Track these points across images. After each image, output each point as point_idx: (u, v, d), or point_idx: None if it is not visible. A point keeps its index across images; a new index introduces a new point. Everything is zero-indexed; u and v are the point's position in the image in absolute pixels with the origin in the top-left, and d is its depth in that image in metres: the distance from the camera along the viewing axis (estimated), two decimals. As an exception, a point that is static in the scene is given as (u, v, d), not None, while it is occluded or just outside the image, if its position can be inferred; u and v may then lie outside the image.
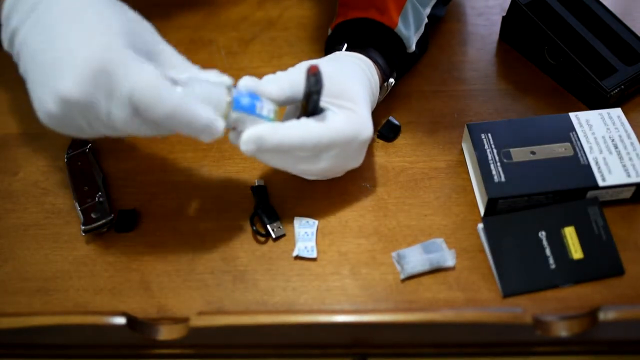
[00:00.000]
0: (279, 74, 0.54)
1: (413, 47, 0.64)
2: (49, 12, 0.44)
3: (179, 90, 0.46)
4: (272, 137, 0.50)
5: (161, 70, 0.46)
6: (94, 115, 0.44)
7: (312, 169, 0.55)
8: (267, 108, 0.51)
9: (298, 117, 0.53)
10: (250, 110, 0.50)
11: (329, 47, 0.65)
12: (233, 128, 0.51)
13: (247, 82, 0.52)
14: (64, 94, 0.42)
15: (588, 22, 0.68)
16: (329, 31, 0.66)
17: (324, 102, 0.54)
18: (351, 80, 0.56)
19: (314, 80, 0.49)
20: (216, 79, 0.49)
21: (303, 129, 0.52)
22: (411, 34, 0.64)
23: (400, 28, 0.62)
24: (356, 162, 0.57)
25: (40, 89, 0.44)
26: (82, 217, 0.59)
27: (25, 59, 0.46)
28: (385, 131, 0.64)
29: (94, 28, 0.44)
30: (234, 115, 0.49)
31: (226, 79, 0.49)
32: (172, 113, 0.44)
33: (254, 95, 0.51)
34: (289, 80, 0.53)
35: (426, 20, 0.66)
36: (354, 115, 0.54)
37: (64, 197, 0.62)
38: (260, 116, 0.50)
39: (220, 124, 0.47)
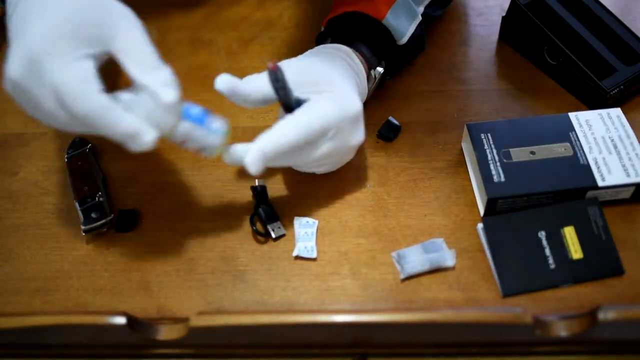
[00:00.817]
0: (255, 74, 0.56)
1: (405, 39, 0.64)
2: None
3: (104, 95, 0.45)
4: (270, 145, 0.51)
5: (118, 49, 0.46)
6: (33, 100, 0.46)
7: (319, 159, 0.55)
8: (217, 123, 0.50)
9: (282, 117, 0.54)
10: (199, 121, 0.49)
11: (318, 44, 0.66)
12: (181, 142, 0.50)
13: (225, 79, 0.54)
14: (9, 74, 0.46)
15: (587, 22, 0.68)
16: (322, 28, 0.67)
17: (303, 93, 0.54)
18: (326, 67, 0.57)
19: (274, 77, 0.51)
20: (161, 89, 0.47)
21: (291, 124, 0.52)
22: (403, 26, 0.64)
23: (389, 19, 0.63)
24: (358, 137, 0.57)
25: (10, 52, 0.47)
26: (82, 217, 0.59)
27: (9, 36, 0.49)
28: (385, 131, 0.64)
29: (44, 15, 0.46)
30: (185, 125, 0.48)
31: (167, 96, 0.47)
32: (88, 113, 0.44)
33: (205, 111, 0.50)
34: (263, 80, 0.54)
35: (420, 17, 0.66)
36: (335, 95, 0.54)
37: (64, 197, 0.62)
38: (209, 129, 0.49)
39: (148, 135, 0.46)
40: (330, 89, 0.55)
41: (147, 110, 0.46)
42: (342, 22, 0.64)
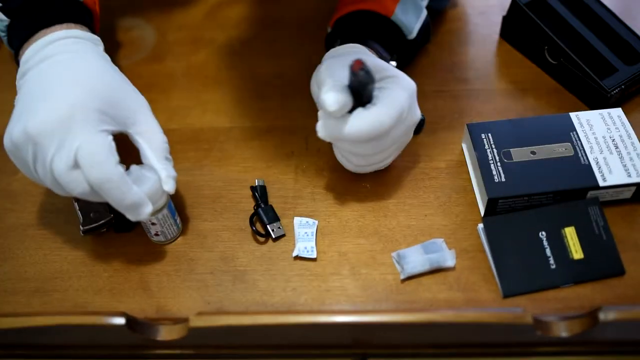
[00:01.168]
0: (332, 88, 0.51)
1: (414, 34, 0.65)
2: (53, 63, 0.52)
3: (121, 168, 0.50)
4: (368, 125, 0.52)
5: (138, 132, 0.52)
6: (42, 155, 0.48)
7: (391, 146, 0.55)
8: (178, 219, 0.59)
9: (351, 110, 0.53)
10: (173, 213, 0.57)
11: (328, 45, 0.66)
12: (151, 222, 0.56)
13: (336, 99, 0.51)
14: (28, 127, 0.48)
15: (588, 21, 0.68)
16: (328, 29, 0.66)
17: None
18: (369, 57, 0.57)
19: (364, 73, 0.50)
20: (166, 179, 0.53)
21: (383, 111, 0.52)
22: (411, 22, 0.65)
23: (398, 15, 0.63)
24: (417, 113, 0.56)
25: (15, 118, 0.50)
26: (81, 217, 0.59)
27: (20, 94, 0.52)
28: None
29: (78, 82, 0.50)
30: (164, 212, 0.55)
31: (168, 186, 0.53)
32: (105, 180, 0.48)
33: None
34: (344, 92, 0.52)
35: (425, 12, 0.67)
36: (396, 78, 0.54)
37: (63, 197, 0.62)
38: (175, 222, 0.58)
39: (148, 208, 0.51)
40: (389, 72, 0.55)
41: (150, 188, 0.52)
42: (351, 21, 0.64)
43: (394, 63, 0.64)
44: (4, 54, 0.78)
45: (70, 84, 0.50)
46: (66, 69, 0.51)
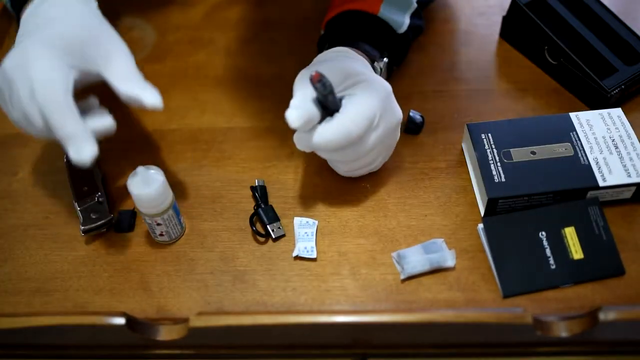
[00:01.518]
0: (297, 99, 0.54)
1: (404, 28, 0.65)
2: (38, 14, 0.56)
3: (70, 98, 0.51)
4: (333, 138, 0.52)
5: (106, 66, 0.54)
6: (15, 88, 0.52)
7: (370, 150, 0.55)
8: (182, 219, 0.59)
9: (320, 121, 0.54)
10: (177, 214, 0.58)
11: (320, 48, 0.67)
12: (156, 223, 0.56)
13: (297, 115, 0.53)
14: (3, 66, 0.53)
15: (588, 21, 0.68)
16: (321, 32, 0.67)
17: (339, 91, 0.54)
18: (347, 62, 0.57)
19: (321, 85, 0.51)
20: (144, 93, 0.53)
21: (348, 119, 0.53)
22: (399, 16, 0.65)
23: (384, 12, 0.64)
24: (398, 114, 0.57)
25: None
26: (81, 217, 0.59)
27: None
28: (413, 125, 0.65)
29: (48, 27, 0.54)
30: (170, 212, 0.56)
31: (152, 97, 0.53)
32: (46, 104, 0.50)
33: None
34: (308, 107, 0.53)
35: (415, 5, 0.67)
36: (366, 84, 0.54)
37: (64, 198, 0.62)
38: (180, 222, 0.58)
39: (91, 147, 0.51)
40: (360, 78, 0.55)
41: (157, 189, 0.53)
42: (340, 22, 0.65)
43: (383, 61, 0.64)
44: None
45: (43, 27, 0.54)
46: (45, 18, 0.55)
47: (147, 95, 0.52)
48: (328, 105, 0.53)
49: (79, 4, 0.57)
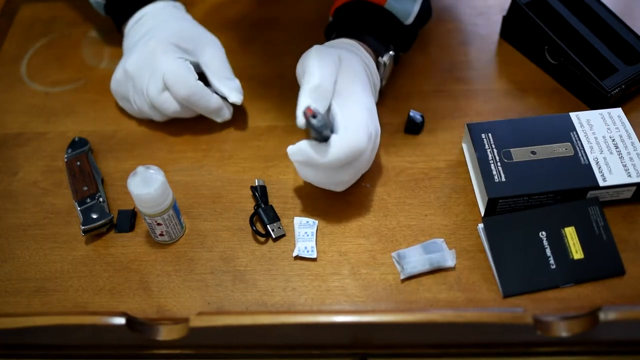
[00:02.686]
0: (303, 142, 0.55)
1: (411, 19, 0.65)
2: (142, 24, 0.69)
3: (200, 82, 0.63)
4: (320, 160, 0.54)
5: (204, 63, 0.66)
6: (139, 86, 0.64)
7: (337, 182, 0.57)
8: (182, 219, 0.60)
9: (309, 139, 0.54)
10: (178, 213, 0.58)
11: (327, 35, 0.67)
12: (156, 223, 0.56)
13: (297, 151, 0.55)
14: (126, 66, 0.65)
15: (588, 21, 0.68)
16: (330, 18, 0.68)
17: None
18: (345, 77, 0.57)
19: (317, 120, 0.52)
20: (230, 92, 0.65)
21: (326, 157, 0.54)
22: (406, 7, 0.64)
23: (391, 3, 0.63)
24: (366, 165, 0.58)
25: (119, 65, 0.67)
26: (81, 217, 0.59)
27: (124, 49, 0.70)
28: (413, 125, 0.65)
29: (162, 30, 0.66)
30: (170, 212, 0.56)
31: (233, 97, 0.65)
32: (191, 93, 0.62)
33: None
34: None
35: None
36: (346, 133, 0.54)
37: (64, 197, 0.62)
38: (180, 223, 0.59)
39: (228, 111, 0.66)
40: (343, 112, 0.55)
41: (157, 189, 0.54)
42: (347, 12, 0.65)
43: (387, 56, 0.64)
44: (4, 55, 0.78)
45: (153, 31, 0.66)
46: (152, 25, 0.67)
47: (232, 96, 0.64)
48: (323, 134, 0.53)
49: (174, 10, 0.70)
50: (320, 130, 0.52)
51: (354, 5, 0.64)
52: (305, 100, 0.54)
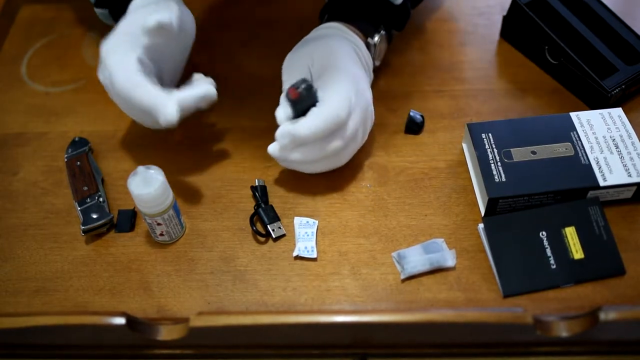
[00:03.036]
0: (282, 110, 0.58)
1: (399, 0, 0.66)
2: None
3: (141, 76, 0.57)
4: (304, 131, 0.55)
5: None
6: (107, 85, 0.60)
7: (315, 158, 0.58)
8: (182, 219, 0.60)
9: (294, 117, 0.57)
10: (178, 213, 0.58)
11: (321, 18, 0.69)
12: (157, 223, 0.56)
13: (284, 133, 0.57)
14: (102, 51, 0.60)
15: (589, 21, 0.68)
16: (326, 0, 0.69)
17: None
18: (332, 58, 0.60)
19: (304, 90, 0.55)
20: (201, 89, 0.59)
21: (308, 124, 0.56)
22: None
23: None
24: (368, 94, 0.60)
25: None
26: (81, 217, 0.59)
27: None
28: (413, 125, 0.65)
29: (122, 37, 0.59)
30: (170, 212, 0.56)
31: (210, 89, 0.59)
32: (124, 86, 0.56)
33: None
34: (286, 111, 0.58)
35: None
36: (336, 70, 0.58)
37: (64, 197, 0.62)
38: (181, 223, 0.59)
39: (170, 110, 0.55)
40: (324, 89, 0.57)
41: (157, 189, 0.53)
42: None
43: (377, 39, 0.65)
44: (4, 55, 0.78)
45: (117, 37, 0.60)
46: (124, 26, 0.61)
47: (206, 89, 0.59)
48: (306, 107, 0.56)
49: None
50: (312, 103, 0.56)
51: None
52: (281, 110, 0.57)
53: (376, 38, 0.65)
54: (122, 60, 0.58)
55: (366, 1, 0.65)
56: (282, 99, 0.59)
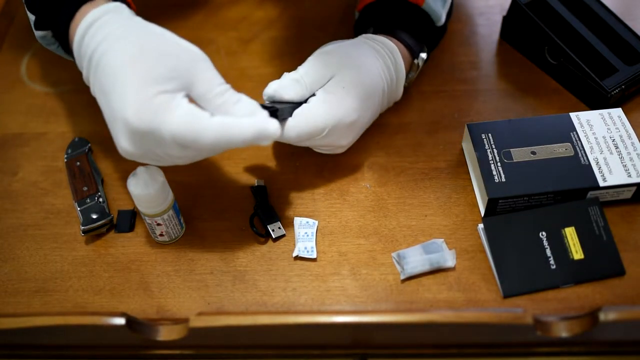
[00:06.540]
0: (293, 78, 0.57)
1: (442, 21, 0.65)
2: (102, 66, 0.48)
3: (216, 117, 0.47)
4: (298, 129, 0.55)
5: (198, 96, 0.48)
6: (158, 155, 0.48)
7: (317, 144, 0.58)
8: (182, 219, 0.59)
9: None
10: (178, 213, 0.58)
11: (357, 31, 0.67)
12: (156, 223, 0.56)
13: (268, 91, 0.57)
14: (126, 150, 0.48)
15: (588, 21, 0.68)
16: (356, 14, 0.67)
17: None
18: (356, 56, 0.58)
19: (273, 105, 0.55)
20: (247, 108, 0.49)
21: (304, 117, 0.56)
22: (439, 7, 0.65)
23: (429, 4, 0.64)
24: (346, 140, 0.59)
25: (112, 132, 0.49)
26: (81, 217, 0.59)
27: (95, 91, 0.51)
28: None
29: (129, 84, 0.46)
30: (170, 213, 0.56)
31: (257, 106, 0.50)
32: (216, 139, 0.45)
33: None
34: (305, 84, 0.57)
35: None
36: (334, 97, 0.56)
37: (64, 198, 0.62)
38: (180, 223, 0.59)
39: (272, 124, 0.46)
40: (311, 103, 0.56)
41: (157, 190, 0.53)
42: (381, 8, 0.65)
43: (424, 56, 0.64)
44: (4, 55, 0.78)
45: (121, 85, 0.46)
46: (112, 66, 0.48)
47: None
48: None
49: (128, 26, 0.52)
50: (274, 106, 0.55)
51: (389, 1, 0.64)
52: (283, 83, 0.57)
53: (422, 58, 0.64)
54: (177, 114, 0.46)
55: (413, 20, 0.64)
56: (287, 76, 0.58)
